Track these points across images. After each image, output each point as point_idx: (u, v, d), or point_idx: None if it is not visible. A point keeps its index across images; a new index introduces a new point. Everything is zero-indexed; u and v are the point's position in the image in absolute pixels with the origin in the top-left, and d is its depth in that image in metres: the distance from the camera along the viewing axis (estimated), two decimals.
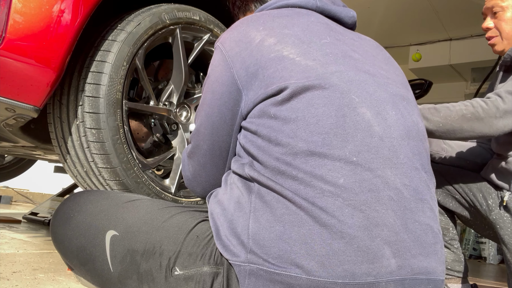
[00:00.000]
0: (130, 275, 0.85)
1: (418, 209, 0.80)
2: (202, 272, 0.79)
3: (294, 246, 0.72)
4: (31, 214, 3.02)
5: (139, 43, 1.40)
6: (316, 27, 0.89)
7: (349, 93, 0.80)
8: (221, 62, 0.88)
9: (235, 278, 0.77)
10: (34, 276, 1.38)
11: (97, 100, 1.32)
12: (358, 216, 0.73)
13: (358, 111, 0.79)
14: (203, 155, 0.95)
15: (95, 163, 1.36)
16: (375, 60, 0.91)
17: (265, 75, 0.81)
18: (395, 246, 0.74)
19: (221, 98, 0.87)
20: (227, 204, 0.83)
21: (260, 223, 0.75)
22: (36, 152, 2.11)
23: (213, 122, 0.90)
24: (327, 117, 0.77)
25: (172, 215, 0.88)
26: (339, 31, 0.93)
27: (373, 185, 0.75)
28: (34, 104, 1.23)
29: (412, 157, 0.83)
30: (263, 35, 0.85)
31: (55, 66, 1.21)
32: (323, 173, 0.74)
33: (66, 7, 1.20)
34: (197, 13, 1.59)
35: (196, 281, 0.79)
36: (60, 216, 1.00)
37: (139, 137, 1.61)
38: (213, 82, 0.89)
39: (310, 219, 0.72)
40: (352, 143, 0.76)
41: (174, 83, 1.58)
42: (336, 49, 0.85)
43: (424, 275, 0.77)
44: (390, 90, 0.86)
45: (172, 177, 1.55)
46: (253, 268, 0.74)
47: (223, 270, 0.78)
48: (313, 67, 0.81)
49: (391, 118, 0.82)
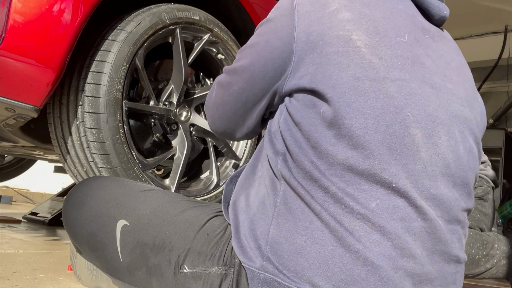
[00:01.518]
0: (139, 267, 0.85)
1: (449, 240, 0.75)
2: (211, 272, 0.78)
3: (312, 264, 0.69)
4: (31, 214, 3.02)
5: (139, 43, 1.40)
6: (399, 18, 0.78)
7: (405, 109, 0.72)
8: (287, 13, 0.78)
9: (246, 283, 0.76)
10: (34, 276, 1.38)
11: (97, 100, 1.32)
12: (385, 244, 0.68)
13: (409, 132, 0.72)
14: (229, 94, 0.88)
15: (95, 163, 1.36)
16: (446, 70, 0.81)
17: (323, 52, 0.73)
18: (417, 278, 0.71)
19: (272, 52, 0.79)
20: (252, 200, 0.80)
21: (281, 232, 0.72)
22: (36, 152, 2.11)
23: (253, 71, 0.83)
24: (375, 132, 0.70)
25: (183, 210, 0.87)
26: (422, 27, 0.82)
27: (406, 214, 0.70)
28: (34, 104, 1.23)
29: (452, 188, 0.76)
30: (340, 5, 0.76)
31: (55, 66, 1.21)
32: (356, 193, 0.69)
33: (66, 7, 1.20)
34: (197, 13, 1.59)
35: (204, 280, 0.78)
36: (73, 200, 1.00)
37: (139, 137, 1.61)
38: (271, 31, 0.80)
39: (334, 239, 0.69)
40: (395, 167, 0.70)
41: (174, 83, 1.58)
42: (408, 52, 0.76)
43: None
44: (452, 110, 0.78)
45: (172, 177, 1.55)
46: (267, 278, 0.72)
47: (233, 272, 0.77)
48: (375, 67, 0.72)
49: (442, 145, 0.75)
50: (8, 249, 1.81)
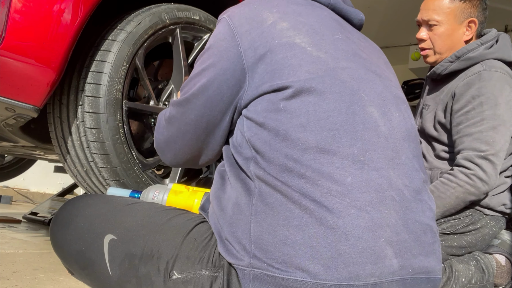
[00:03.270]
0: (129, 279, 0.84)
1: (418, 209, 0.80)
2: (200, 275, 0.78)
3: (299, 250, 0.71)
4: (31, 214, 3.02)
5: (139, 42, 1.40)
6: (328, 22, 0.87)
7: (359, 91, 0.79)
8: (227, 36, 0.84)
9: (237, 282, 0.76)
10: (34, 276, 1.38)
11: (97, 100, 1.32)
12: (363, 217, 0.72)
13: (366, 110, 0.79)
14: (186, 123, 0.89)
15: (95, 163, 1.36)
16: (378, 62, 0.91)
17: (273, 60, 0.79)
18: (397, 246, 0.74)
19: (223, 74, 0.83)
20: (225, 204, 0.81)
21: (262, 227, 0.74)
22: (36, 152, 2.11)
23: (208, 95, 0.85)
24: (338, 113, 0.76)
25: (170, 218, 0.87)
26: (349, 30, 0.92)
27: (378, 185, 0.75)
28: (34, 103, 1.23)
29: (412, 159, 0.83)
30: (276, 18, 0.82)
31: (55, 66, 1.21)
32: (332, 171, 0.73)
33: (66, 7, 1.20)
34: (197, 13, 1.59)
35: (195, 284, 0.78)
36: (60, 220, 1.00)
37: (139, 137, 1.61)
38: (216, 55, 0.84)
39: (315, 222, 0.71)
40: (360, 141, 0.76)
41: (174, 83, 1.58)
42: (346, 46, 0.85)
43: (424, 274, 0.77)
44: (393, 92, 0.87)
45: (172, 177, 1.55)
46: (257, 273, 0.73)
47: (223, 273, 0.77)
48: (324, 60, 0.79)
49: (395, 119, 0.83)
50: (8, 249, 1.81)
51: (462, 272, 1.49)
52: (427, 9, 1.62)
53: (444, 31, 1.60)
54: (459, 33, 1.60)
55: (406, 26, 5.42)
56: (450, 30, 1.60)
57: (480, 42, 1.57)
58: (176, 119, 0.92)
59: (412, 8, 5.09)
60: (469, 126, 1.48)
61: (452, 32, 1.60)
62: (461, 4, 1.58)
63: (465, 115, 1.49)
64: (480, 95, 1.48)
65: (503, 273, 1.54)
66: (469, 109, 1.49)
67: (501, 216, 1.58)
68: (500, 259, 1.55)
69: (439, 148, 1.60)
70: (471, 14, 1.58)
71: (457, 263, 1.51)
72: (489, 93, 1.47)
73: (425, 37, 1.64)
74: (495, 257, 1.55)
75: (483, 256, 1.54)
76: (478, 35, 1.63)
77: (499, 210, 1.56)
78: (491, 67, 1.52)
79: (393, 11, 5.07)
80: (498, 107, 1.46)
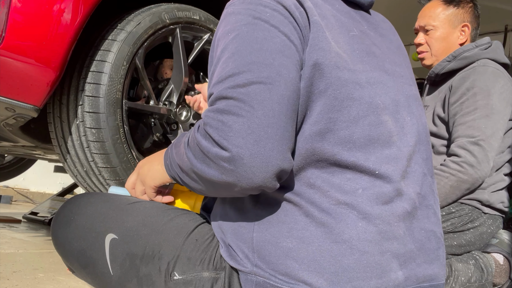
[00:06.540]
0: (130, 279, 0.84)
1: (424, 216, 0.78)
2: (202, 277, 0.78)
3: (302, 264, 0.69)
4: (31, 213, 3.02)
5: (139, 42, 1.40)
6: (342, 17, 0.83)
7: (376, 98, 0.76)
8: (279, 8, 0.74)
9: (238, 285, 0.75)
10: (34, 276, 1.38)
11: (97, 100, 1.32)
12: (371, 230, 0.70)
13: (381, 119, 0.76)
14: (266, 106, 0.66)
15: (95, 163, 1.36)
16: (390, 54, 0.87)
17: (308, 36, 0.74)
18: (402, 258, 0.73)
19: (285, 19, 0.73)
20: (228, 207, 0.80)
21: (265, 237, 0.72)
22: (36, 152, 2.11)
23: (277, 47, 0.70)
24: (356, 125, 0.73)
25: (172, 218, 0.87)
26: (360, 19, 0.87)
27: (389, 198, 0.73)
28: (34, 103, 1.23)
29: (421, 163, 0.81)
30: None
31: (55, 66, 1.21)
32: (342, 182, 0.71)
33: (66, 7, 1.20)
34: (197, 13, 1.59)
35: (195, 286, 0.77)
36: (61, 218, 0.99)
37: (139, 136, 1.61)
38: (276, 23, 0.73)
39: (320, 234, 0.70)
40: (374, 155, 0.74)
41: (174, 82, 1.58)
42: (362, 44, 0.81)
43: (427, 282, 0.76)
44: (406, 91, 0.84)
45: None
46: (260, 280, 0.72)
47: (224, 275, 0.77)
48: (345, 59, 0.75)
49: (407, 125, 0.81)
50: (8, 249, 1.81)
51: (461, 271, 1.49)
52: (424, 16, 1.77)
53: (440, 35, 1.74)
54: (454, 37, 1.74)
55: (406, 26, 5.43)
56: (445, 34, 1.74)
57: (475, 45, 1.68)
58: (237, 114, 0.73)
59: (412, 8, 5.10)
60: (463, 116, 1.54)
61: (447, 35, 1.74)
62: (455, 10, 1.72)
63: (460, 106, 1.56)
64: (474, 86, 1.56)
65: (502, 272, 1.55)
66: (464, 100, 1.56)
67: (499, 215, 1.61)
68: (499, 258, 1.56)
69: (438, 143, 1.64)
70: (464, 19, 1.72)
71: (457, 262, 1.51)
72: (482, 85, 1.55)
73: (422, 41, 1.78)
74: (494, 256, 1.56)
75: (482, 255, 1.55)
76: (472, 40, 1.76)
77: (498, 208, 1.59)
78: (485, 63, 1.61)
79: (393, 11, 5.07)
80: (491, 97, 1.53)
